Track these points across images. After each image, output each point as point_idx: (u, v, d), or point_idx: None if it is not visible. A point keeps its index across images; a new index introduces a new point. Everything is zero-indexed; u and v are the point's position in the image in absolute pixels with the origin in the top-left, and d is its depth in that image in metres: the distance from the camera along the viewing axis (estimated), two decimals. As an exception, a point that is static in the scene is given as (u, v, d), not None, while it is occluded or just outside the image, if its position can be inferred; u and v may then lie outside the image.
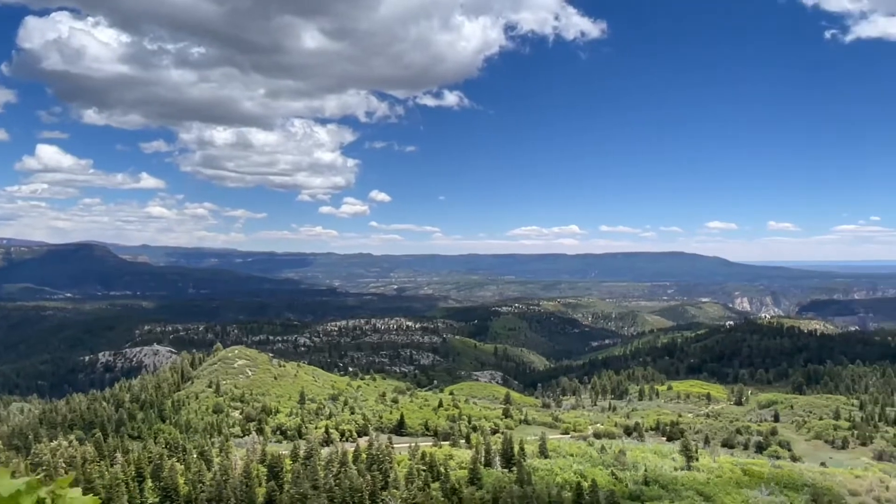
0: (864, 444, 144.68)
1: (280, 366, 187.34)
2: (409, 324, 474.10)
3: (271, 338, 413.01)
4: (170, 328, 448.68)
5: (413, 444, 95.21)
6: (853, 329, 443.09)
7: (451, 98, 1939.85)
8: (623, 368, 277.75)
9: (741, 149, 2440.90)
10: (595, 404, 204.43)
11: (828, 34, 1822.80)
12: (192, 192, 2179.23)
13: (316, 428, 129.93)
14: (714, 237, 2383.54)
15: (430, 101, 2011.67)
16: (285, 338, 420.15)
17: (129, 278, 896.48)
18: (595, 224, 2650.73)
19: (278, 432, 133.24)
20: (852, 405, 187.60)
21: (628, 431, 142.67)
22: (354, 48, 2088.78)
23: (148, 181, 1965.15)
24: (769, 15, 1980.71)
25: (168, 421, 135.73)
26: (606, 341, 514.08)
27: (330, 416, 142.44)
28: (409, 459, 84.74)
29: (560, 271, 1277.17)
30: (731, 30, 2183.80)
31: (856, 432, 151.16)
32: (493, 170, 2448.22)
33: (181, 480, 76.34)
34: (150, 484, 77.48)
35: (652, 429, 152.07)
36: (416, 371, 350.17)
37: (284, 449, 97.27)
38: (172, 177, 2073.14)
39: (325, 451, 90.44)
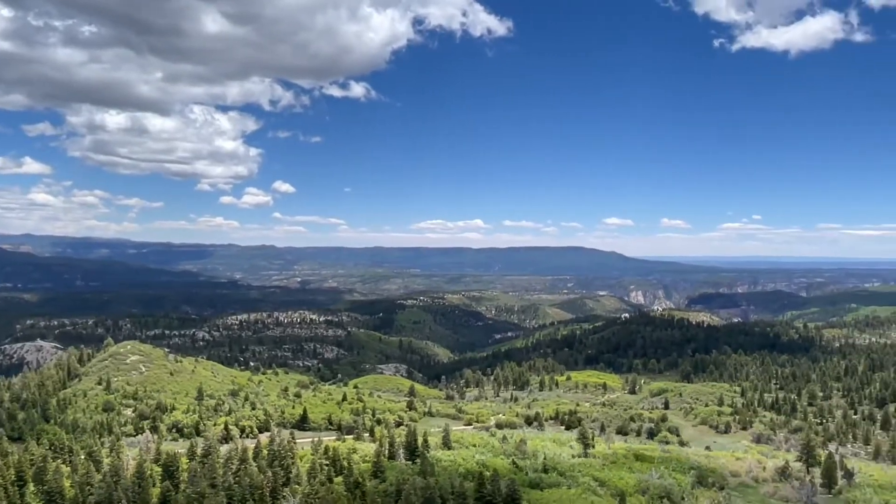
0: (744, 429, 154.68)
1: (177, 361, 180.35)
2: (314, 317, 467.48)
3: (167, 332, 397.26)
4: (55, 322, 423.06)
5: (316, 439, 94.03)
6: (736, 320, 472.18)
7: (357, 89, 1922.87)
8: (525, 360, 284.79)
9: (637, 148, 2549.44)
10: (498, 395, 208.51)
11: (716, 43, 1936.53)
12: (80, 179, 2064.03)
13: (215, 425, 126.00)
14: (612, 233, 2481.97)
15: (336, 92, 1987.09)
16: (183, 332, 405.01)
17: (10, 269, 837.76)
18: (499, 218, 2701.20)
19: (174, 430, 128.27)
20: (735, 392, 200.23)
21: (529, 421, 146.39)
22: (258, 34, 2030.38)
23: (31, 166, 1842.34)
24: (664, 22, 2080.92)
25: (53, 421, 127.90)
26: (509, 333, 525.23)
27: (230, 413, 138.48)
28: (312, 454, 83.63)
29: (465, 265, 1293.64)
30: (629, 34, 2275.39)
31: (737, 417, 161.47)
32: (400, 162, 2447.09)
33: (67, 483, 72.21)
34: (33, 488, 72.82)
35: (552, 418, 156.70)
36: (320, 365, 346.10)
37: (181, 447, 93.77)
38: (59, 162, 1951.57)
39: (224, 449, 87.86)
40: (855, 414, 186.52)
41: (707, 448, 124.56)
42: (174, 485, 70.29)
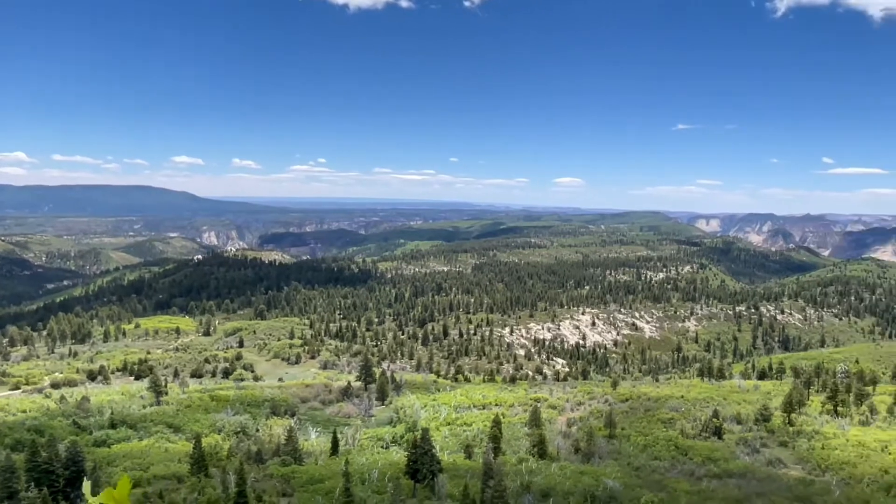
0: (313, 357, 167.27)
1: None
2: None
3: None
4: None
5: None
6: (305, 258, 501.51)
7: None
8: (86, 310, 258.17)
9: (209, 85, 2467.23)
10: (53, 352, 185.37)
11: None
12: None
13: None
14: (181, 172, 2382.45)
15: None
16: None
17: None
18: (47, 152, 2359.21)
19: None
20: (304, 325, 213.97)
21: (93, 376, 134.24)
22: None
23: None
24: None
25: None
26: (65, 282, 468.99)
27: None
28: None
29: (4, 205, 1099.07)
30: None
31: (307, 348, 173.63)
32: None
33: None
34: None
35: (119, 370, 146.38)
36: None
37: None
38: None
39: None
40: (403, 334, 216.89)
41: (280, 380, 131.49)
42: None
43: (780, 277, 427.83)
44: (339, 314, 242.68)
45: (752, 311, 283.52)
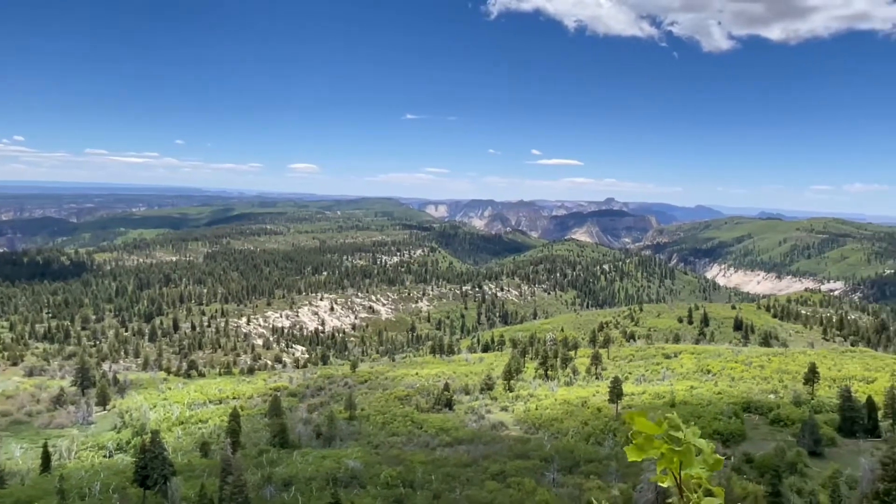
0: (15, 364, 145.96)
1: None
2: None
3: None
4: None
5: None
6: (2, 250, 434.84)
7: None
8: None
9: None
10: None
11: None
12: None
13: None
14: None
15: None
16: None
17: None
18: None
19: None
20: (3, 327, 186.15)
21: None
22: None
23: None
24: None
25: None
26: None
27: None
28: None
29: None
30: None
31: (7, 354, 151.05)
32: None
33: None
34: None
35: None
36: None
37: None
38: None
39: None
40: (127, 331, 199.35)
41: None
42: None
43: (500, 258, 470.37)
44: (48, 313, 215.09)
45: (477, 289, 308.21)
